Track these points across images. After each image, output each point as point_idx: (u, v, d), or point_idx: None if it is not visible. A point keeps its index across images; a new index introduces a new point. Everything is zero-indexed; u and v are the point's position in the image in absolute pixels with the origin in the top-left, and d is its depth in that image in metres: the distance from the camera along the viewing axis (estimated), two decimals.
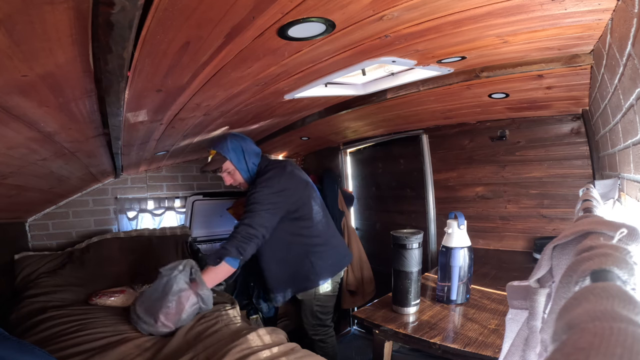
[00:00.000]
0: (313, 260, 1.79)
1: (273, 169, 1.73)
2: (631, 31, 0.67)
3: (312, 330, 1.91)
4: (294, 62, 1.08)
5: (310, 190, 1.84)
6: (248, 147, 1.79)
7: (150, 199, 2.75)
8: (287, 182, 1.72)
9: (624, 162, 0.88)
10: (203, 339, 1.32)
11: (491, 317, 1.23)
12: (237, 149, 1.75)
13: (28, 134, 1.00)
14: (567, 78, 1.34)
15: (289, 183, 1.72)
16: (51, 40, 0.60)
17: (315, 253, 1.80)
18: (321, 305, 1.88)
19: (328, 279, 1.83)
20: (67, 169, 1.68)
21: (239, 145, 1.76)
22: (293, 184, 1.75)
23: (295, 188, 1.75)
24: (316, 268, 1.79)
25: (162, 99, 1.14)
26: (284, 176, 1.71)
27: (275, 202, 1.65)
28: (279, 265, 1.80)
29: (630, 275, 0.28)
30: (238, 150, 1.76)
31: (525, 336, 0.53)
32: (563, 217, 1.92)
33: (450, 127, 2.31)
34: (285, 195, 1.68)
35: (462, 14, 0.86)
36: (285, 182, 1.71)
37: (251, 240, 1.58)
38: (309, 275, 1.80)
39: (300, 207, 1.75)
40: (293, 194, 1.72)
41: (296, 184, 1.76)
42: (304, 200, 1.77)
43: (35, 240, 2.31)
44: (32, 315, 1.52)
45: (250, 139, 1.85)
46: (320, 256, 1.81)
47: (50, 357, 0.83)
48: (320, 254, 1.81)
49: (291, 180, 1.74)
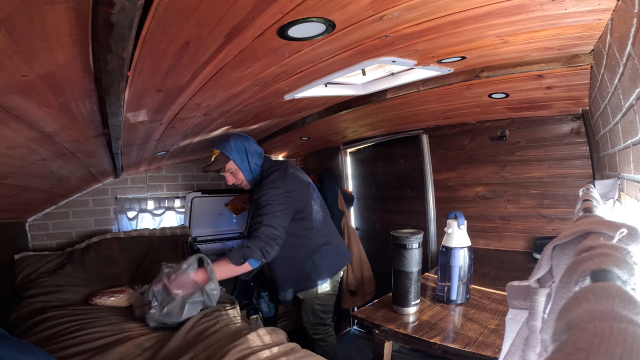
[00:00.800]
0: (315, 260, 1.81)
1: (276, 171, 1.75)
2: (631, 31, 0.67)
3: (312, 329, 1.92)
4: (294, 62, 1.08)
5: (311, 191, 1.86)
6: (251, 148, 1.80)
7: (150, 199, 2.75)
8: (292, 183, 1.74)
9: (624, 162, 0.88)
10: (203, 339, 1.32)
11: (491, 317, 1.23)
12: (240, 149, 1.76)
13: (28, 134, 1.00)
14: (567, 78, 1.34)
15: (293, 184, 1.74)
16: (51, 40, 0.60)
17: (317, 252, 1.82)
18: (322, 304, 1.90)
19: (327, 278, 1.85)
20: (67, 169, 1.68)
21: (242, 146, 1.77)
22: (297, 184, 1.77)
23: (300, 189, 1.77)
24: (318, 267, 1.81)
25: (162, 99, 1.14)
26: (287, 177, 1.73)
27: (285, 202, 1.67)
28: (284, 265, 1.82)
29: (630, 275, 0.28)
30: (241, 150, 1.77)
31: (525, 336, 0.53)
32: (563, 217, 1.92)
33: (450, 127, 2.32)
34: (291, 195, 1.71)
35: (462, 14, 0.86)
36: (290, 183, 1.73)
37: (275, 242, 1.59)
38: (311, 275, 1.81)
39: (304, 208, 1.78)
40: (298, 194, 1.75)
41: (299, 184, 1.79)
42: (306, 202, 1.79)
43: (35, 240, 2.31)
44: (32, 315, 1.52)
45: (253, 139, 1.87)
46: (321, 255, 1.83)
47: (50, 357, 0.83)
48: (322, 254, 1.83)
49: (294, 182, 1.76)
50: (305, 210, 1.78)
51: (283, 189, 1.68)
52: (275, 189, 1.66)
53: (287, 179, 1.73)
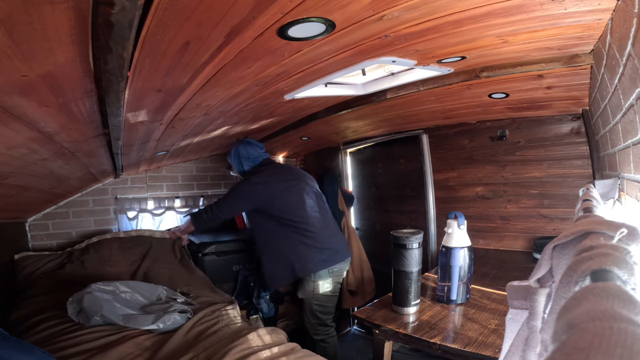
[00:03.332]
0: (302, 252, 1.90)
1: (262, 167, 2.06)
2: (631, 31, 0.67)
3: (312, 330, 1.93)
4: (294, 62, 1.08)
5: (303, 186, 2.01)
6: (248, 154, 2.08)
7: (150, 199, 2.75)
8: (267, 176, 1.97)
9: (624, 162, 0.88)
10: (203, 339, 1.32)
11: (491, 317, 1.23)
12: (236, 156, 2.10)
13: (28, 134, 1.00)
14: (567, 78, 1.34)
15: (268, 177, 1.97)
16: (51, 40, 0.60)
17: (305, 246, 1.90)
18: (320, 304, 1.91)
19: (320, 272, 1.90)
20: (67, 169, 1.68)
21: (238, 153, 2.09)
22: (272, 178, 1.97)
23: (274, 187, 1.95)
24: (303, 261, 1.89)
25: (162, 99, 1.14)
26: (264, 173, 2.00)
27: (245, 195, 1.95)
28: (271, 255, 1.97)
29: (630, 275, 0.28)
30: (236, 156, 2.11)
31: (526, 336, 0.53)
32: (563, 217, 1.92)
33: (450, 127, 2.31)
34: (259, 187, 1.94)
35: (462, 14, 0.86)
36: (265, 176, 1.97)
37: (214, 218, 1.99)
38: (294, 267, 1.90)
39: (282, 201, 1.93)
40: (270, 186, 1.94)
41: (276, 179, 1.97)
42: (287, 196, 1.94)
43: (35, 240, 2.31)
44: (32, 315, 1.52)
45: (256, 146, 2.11)
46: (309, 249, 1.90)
47: (50, 357, 0.83)
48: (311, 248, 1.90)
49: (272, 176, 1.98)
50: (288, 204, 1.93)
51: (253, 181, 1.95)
52: (245, 181, 1.99)
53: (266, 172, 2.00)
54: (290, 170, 2.16)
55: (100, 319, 1.39)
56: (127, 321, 1.39)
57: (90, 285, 1.49)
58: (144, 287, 1.61)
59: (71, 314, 1.42)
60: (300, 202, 1.95)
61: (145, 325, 1.38)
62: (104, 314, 1.39)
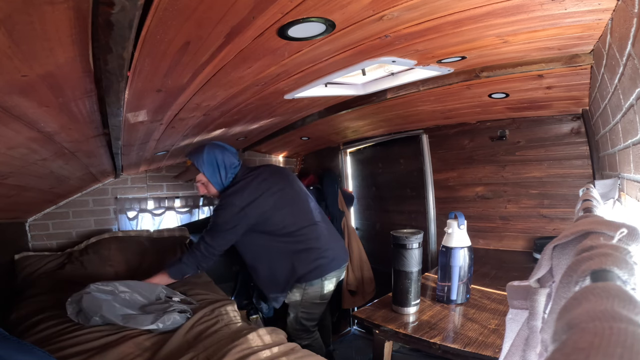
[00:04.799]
0: (295, 265, 1.74)
1: (242, 180, 1.72)
2: (631, 31, 0.67)
3: (295, 335, 1.83)
4: (294, 62, 1.08)
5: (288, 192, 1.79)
6: (226, 160, 1.74)
7: (150, 199, 2.75)
8: (255, 192, 1.68)
9: (624, 162, 0.88)
10: (203, 339, 1.32)
11: (491, 317, 1.23)
12: (212, 162, 1.72)
13: (28, 134, 1.00)
14: (567, 78, 1.34)
15: (256, 192, 1.69)
16: (51, 40, 0.60)
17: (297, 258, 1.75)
18: (306, 312, 1.82)
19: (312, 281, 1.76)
20: (67, 169, 1.68)
21: (214, 158, 1.72)
22: (262, 190, 1.70)
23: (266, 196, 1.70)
24: (297, 273, 1.74)
25: (162, 99, 1.14)
26: (249, 189, 1.68)
27: (237, 223, 1.66)
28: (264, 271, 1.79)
29: (630, 275, 0.28)
30: (213, 163, 1.72)
31: (526, 336, 0.53)
32: (563, 217, 1.92)
33: (450, 127, 2.31)
34: (248, 209, 1.66)
35: (462, 14, 0.86)
36: (253, 193, 1.68)
37: (211, 259, 1.72)
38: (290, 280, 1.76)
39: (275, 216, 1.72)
40: (262, 203, 1.69)
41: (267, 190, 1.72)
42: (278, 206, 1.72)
43: (35, 240, 2.31)
44: (32, 315, 1.52)
45: (230, 149, 1.79)
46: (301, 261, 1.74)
47: (50, 357, 0.83)
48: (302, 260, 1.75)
49: (258, 189, 1.70)
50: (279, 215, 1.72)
51: (239, 205, 1.64)
52: (230, 206, 1.65)
53: (249, 189, 1.68)
54: (271, 174, 1.81)
55: (99, 319, 1.38)
56: (127, 321, 1.39)
57: (89, 286, 1.48)
58: (143, 287, 1.61)
59: (70, 315, 1.42)
60: (292, 211, 1.77)
61: (145, 325, 1.38)
62: (104, 314, 1.38)
